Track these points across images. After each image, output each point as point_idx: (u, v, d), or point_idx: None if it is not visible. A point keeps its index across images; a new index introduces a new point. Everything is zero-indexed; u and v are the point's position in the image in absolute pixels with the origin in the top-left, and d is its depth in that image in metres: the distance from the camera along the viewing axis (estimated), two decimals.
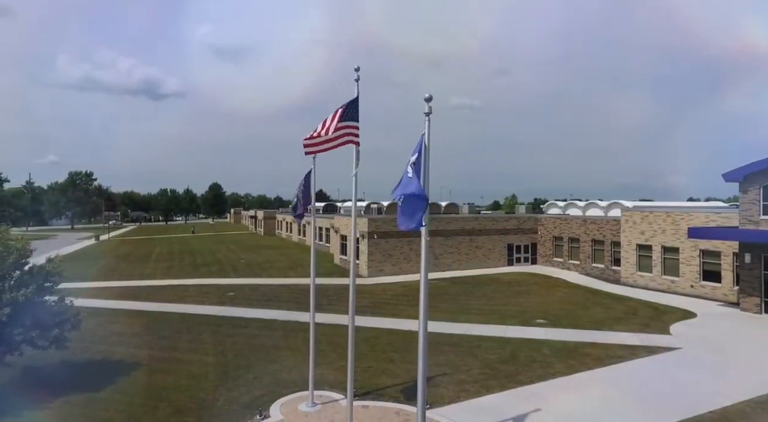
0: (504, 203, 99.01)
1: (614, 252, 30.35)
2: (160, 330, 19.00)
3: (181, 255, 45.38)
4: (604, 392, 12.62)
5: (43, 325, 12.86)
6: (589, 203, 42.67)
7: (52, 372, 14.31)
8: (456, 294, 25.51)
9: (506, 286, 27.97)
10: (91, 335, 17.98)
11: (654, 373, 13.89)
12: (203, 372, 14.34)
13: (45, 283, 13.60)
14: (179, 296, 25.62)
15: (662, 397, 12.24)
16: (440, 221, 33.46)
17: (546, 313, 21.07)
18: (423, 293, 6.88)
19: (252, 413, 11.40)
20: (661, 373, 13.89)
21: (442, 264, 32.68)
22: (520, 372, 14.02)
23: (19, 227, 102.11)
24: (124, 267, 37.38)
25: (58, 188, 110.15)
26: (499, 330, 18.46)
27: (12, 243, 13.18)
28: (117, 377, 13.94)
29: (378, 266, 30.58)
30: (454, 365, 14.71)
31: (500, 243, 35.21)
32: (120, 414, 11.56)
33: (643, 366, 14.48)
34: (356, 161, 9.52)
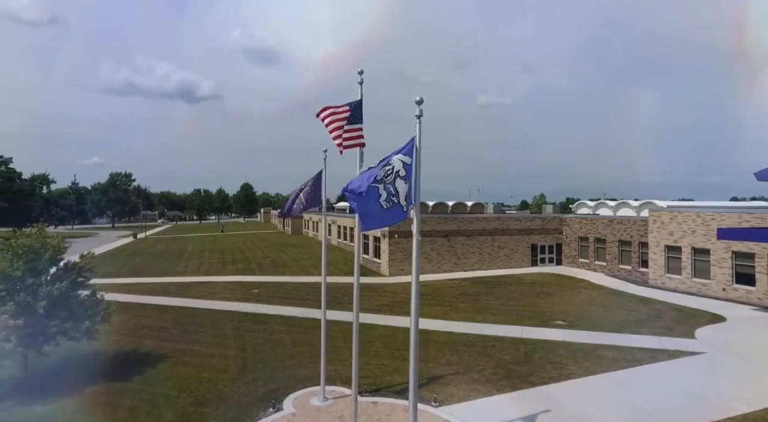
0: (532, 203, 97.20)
1: (642, 254, 29.48)
2: (186, 324, 19.85)
3: (211, 253, 46.90)
4: (617, 395, 12.44)
5: (76, 317, 13.72)
6: (620, 203, 41.52)
7: (85, 362, 15.24)
8: (476, 294, 25.43)
9: (527, 287, 27.64)
10: (122, 328, 19.01)
11: (673, 377, 13.56)
12: (223, 365, 14.95)
13: (78, 278, 14.53)
14: (207, 292, 26.59)
15: (678, 401, 11.97)
16: (462, 221, 33.33)
17: (565, 314, 20.76)
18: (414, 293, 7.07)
19: (266, 406, 11.86)
20: (681, 377, 13.54)
21: (464, 264, 32.58)
22: (533, 373, 13.96)
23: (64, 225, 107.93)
24: (158, 264, 38.98)
25: (99, 188, 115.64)
26: (515, 330, 18.35)
27: (48, 241, 14.12)
28: (144, 368, 14.73)
29: (399, 265, 30.77)
30: (467, 364, 14.78)
31: (524, 243, 34.76)
32: (144, 403, 12.24)
33: (662, 370, 14.14)
34: (360, 162, 9.77)
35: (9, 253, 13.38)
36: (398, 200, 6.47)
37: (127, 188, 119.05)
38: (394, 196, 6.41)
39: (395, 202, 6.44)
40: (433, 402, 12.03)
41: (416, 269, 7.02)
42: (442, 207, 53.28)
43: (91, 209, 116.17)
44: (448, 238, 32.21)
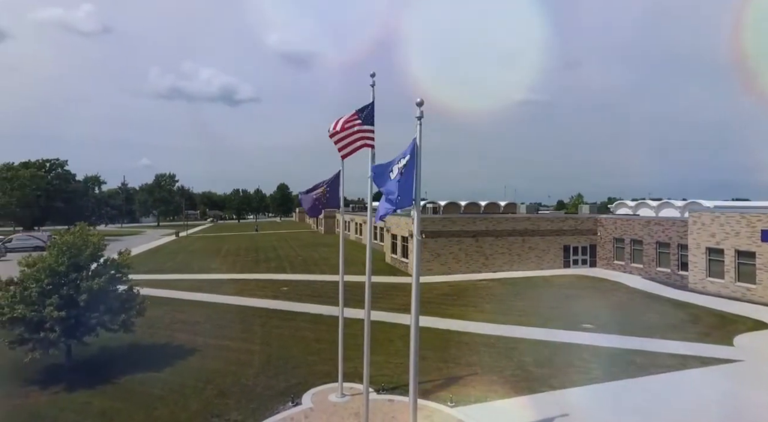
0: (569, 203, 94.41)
1: (681, 256, 28.19)
2: (217, 319, 20.70)
3: (246, 252, 48.43)
4: (640, 401, 12.07)
5: (113, 311, 14.64)
6: (663, 203, 39.84)
7: (123, 352, 16.22)
8: (502, 295, 25.12)
9: (558, 289, 27.03)
10: (158, 322, 20.06)
11: (702, 385, 13.02)
12: (248, 359, 15.54)
13: (116, 274, 15.48)
14: (239, 289, 27.56)
15: (708, 412, 11.49)
16: (491, 221, 32.95)
17: (595, 317, 20.20)
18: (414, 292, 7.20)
19: (285, 400, 12.26)
20: (713, 386, 12.97)
21: (492, 265, 32.20)
22: (554, 376, 13.73)
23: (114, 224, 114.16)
24: (196, 262, 40.64)
25: (146, 189, 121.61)
26: (540, 332, 18.05)
27: (89, 238, 15.13)
28: (175, 360, 15.51)
29: (426, 265, 30.74)
30: (487, 365, 14.71)
31: (555, 244, 33.95)
32: (172, 392, 12.93)
33: (692, 377, 13.58)
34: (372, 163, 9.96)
35: (55, 249, 14.45)
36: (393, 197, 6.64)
37: (171, 189, 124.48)
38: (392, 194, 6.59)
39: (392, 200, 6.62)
40: (449, 402, 12.08)
41: (417, 269, 7.15)
42: (474, 207, 52.75)
43: (139, 208, 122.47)
44: (477, 238, 31.93)
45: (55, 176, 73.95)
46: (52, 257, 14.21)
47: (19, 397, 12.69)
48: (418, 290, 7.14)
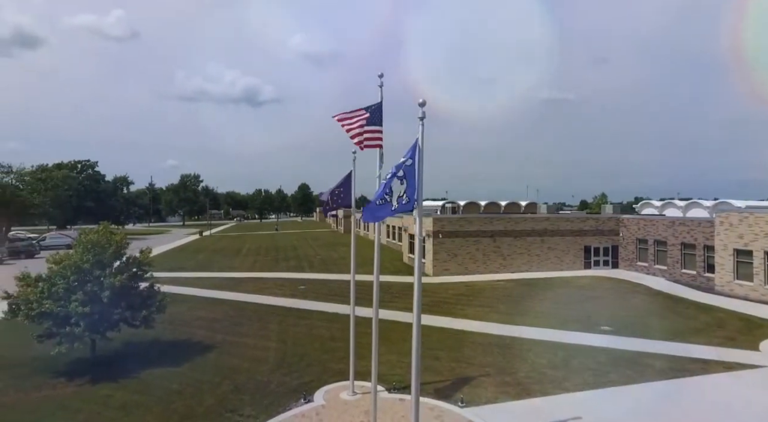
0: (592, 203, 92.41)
1: (707, 258, 27.32)
2: (236, 317, 21.14)
3: (266, 251, 49.20)
4: (656, 406, 11.80)
5: (135, 307, 15.17)
6: (690, 203, 38.71)
7: (145, 348, 16.74)
8: (520, 296, 24.86)
9: (577, 290, 26.57)
10: (179, 318, 20.63)
11: (722, 390, 12.64)
12: (264, 356, 15.84)
13: (138, 271, 16.01)
14: (258, 288, 28.04)
15: (723, 416, 11.16)
16: (509, 221, 32.60)
17: (614, 320, 19.81)
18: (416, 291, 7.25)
19: (298, 396, 12.47)
20: (735, 392, 12.59)
21: (510, 265, 31.85)
22: (568, 379, 13.55)
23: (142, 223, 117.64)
24: (218, 260, 41.54)
25: (172, 189, 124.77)
26: (556, 334, 17.81)
27: (112, 237, 15.68)
28: (194, 356, 15.93)
29: (443, 265, 30.68)
30: (500, 367, 14.62)
31: (576, 245, 33.34)
32: (189, 387, 13.30)
33: (713, 382, 13.20)
34: (380, 162, 10.07)
35: (80, 247, 15.04)
36: (390, 199, 6.69)
37: (196, 189, 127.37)
38: (388, 195, 6.64)
39: (387, 200, 6.67)
40: (460, 403, 12.07)
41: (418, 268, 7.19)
42: (494, 207, 52.30)
43: (165, 208, 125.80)
44: (494, 238, 31.64)
45: (86, 177, 76.77)
46: (78, 254, 14.80)
47: (48, 388, 13.27)
48: (419, 289, 7.18)
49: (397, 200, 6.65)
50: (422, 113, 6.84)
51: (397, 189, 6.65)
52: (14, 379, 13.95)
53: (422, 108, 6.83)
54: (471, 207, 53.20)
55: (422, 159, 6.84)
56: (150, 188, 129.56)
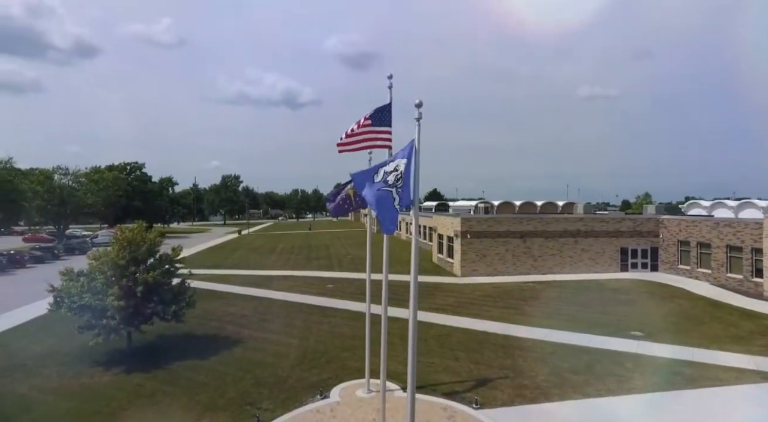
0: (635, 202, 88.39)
1: (755, 261, 25.66)
2: (264, 313, 21.81)
3: (299, 249, 50.28)
4: (679, 415, 11.30)
5: (166, 302, 15.97)
6: (743, 203, 36.42)
7: (177, 341, 17.59)
8: (548, 299, 24.26)
9: (610, 293, 25.64)
10: (211, 314, 21.53)
11: (756, 402, 11.92)
12: (287, 352, 16.29)
13: (170, 268, 16.84)
14: (288, 286, 28.76)
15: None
16: (540, 222, 31.81)
17: (646, 325, 19.02)
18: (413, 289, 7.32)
19: (315, 392, 12.78)
20: (764, 403, 11.84)
21: (542, 267, 31.09)
22: (589, 384, 13.18)
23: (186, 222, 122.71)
24: (253, 258, 42.85)
25: (213, 189, 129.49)
26: (582, 338, 17.30)
27: (146, 235, 16.57)
28: (221, 350, 16.60)
29: (471, 266, 30.34)
30: (520, 369, 14.40)
31: (611, 247, 32.11)
32: (214, 380, 13.89)
33: (746, 393, 12.47)
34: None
35: (117, 245, 15.99)
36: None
37: (236, 189, 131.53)
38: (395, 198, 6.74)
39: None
40: (474, 404, 12.00)
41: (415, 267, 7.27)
42: (530, 207, 51.16)
43: (207, 207, 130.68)
44: (524, 239, 30.98)
45: (134, 178, 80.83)
46: (115, 251, 15.75)
47: (86, 376, 14.22)
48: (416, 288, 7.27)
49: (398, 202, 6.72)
50: (419, 114, 6.91)
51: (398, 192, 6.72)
52: (58, 367, 15.04)
53: (419, 109, 6.89)
54: (505, 207, 52.27)
55: (419, 160, 6.90)
56: (194, 189, 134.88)
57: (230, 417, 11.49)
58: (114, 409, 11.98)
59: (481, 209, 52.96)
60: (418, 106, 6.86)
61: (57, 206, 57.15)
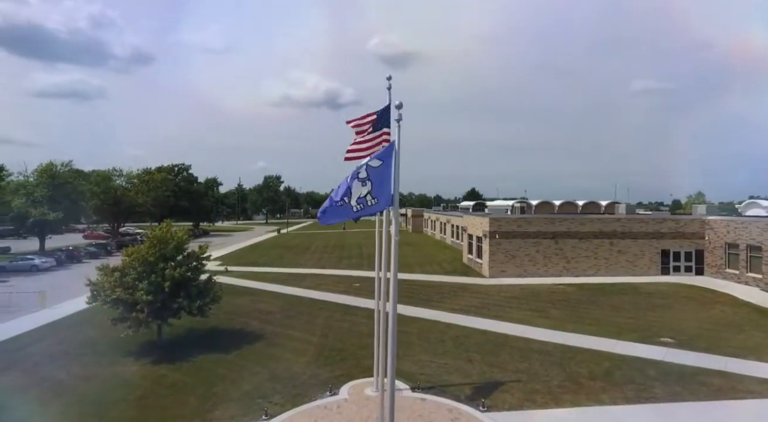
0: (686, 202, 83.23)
1: None
2: (289, 310, 22.42)
3: (332, 248, 51.14)
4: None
5: (191, 297, 16.77)
6: None
7: (204, 335, 18.43)
8: (576, 302, 23.44)
9: (645, 297, 24.41)
10: (239, 310, 22.37)
11: None
12: (305, 348, 16.71)
13: (197, 265, 17.67)
14: (316, 283, 29.37)
15: None
16: (573, 222, 30.69)
17: (679, 331, 18.02)
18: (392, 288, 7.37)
19: (325, 389, 13.05)
20: None
21: (575, 269, 30.01)
22: (605, 391, 12.71)
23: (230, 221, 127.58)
24: (288, 256, 44.01)
25: (256, 189, 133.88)
26: (607, 343, 16.65)
27: (175, 233, 17.46)
28: (243, 344, 17.25)
29: (500, 266, 29.73)
30: (534, 373, 14.07)
31: (651, 249, 30.51)
32: (233, 372, 14.48)
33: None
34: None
35: (148, 242, 16.97)
36: (348, 200, 6.81)
37: (277, 189, 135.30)
38: (346, 196, 6.77)
39: (346, 202, 6.79)
40: (481, 407, 11.88)
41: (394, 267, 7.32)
42: (570, 207, 49.43)
43: (250, 207, 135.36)
44: (556, 240, 30.02)
45: (182, 179, 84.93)
46: (145, 248, 16.72)
47: (118, 365, 15.22)
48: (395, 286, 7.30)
49: (357, 201, 6.77)
50: (398, 115, 6.96)
51: (357, 191, 6.77)
52: (95, 356, 16.17)
53: (399, 110, 6.94)
54: (544, 207, 50.78)
55: (399, 160, 6.95)
56: (238, 189, 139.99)
57: (241, 409, 11.96)
58: (137, 397, 12.77)
59: (518, 209, 51.72)
60: (398, 107, 6.91)
61: (111, 206, 61.01)
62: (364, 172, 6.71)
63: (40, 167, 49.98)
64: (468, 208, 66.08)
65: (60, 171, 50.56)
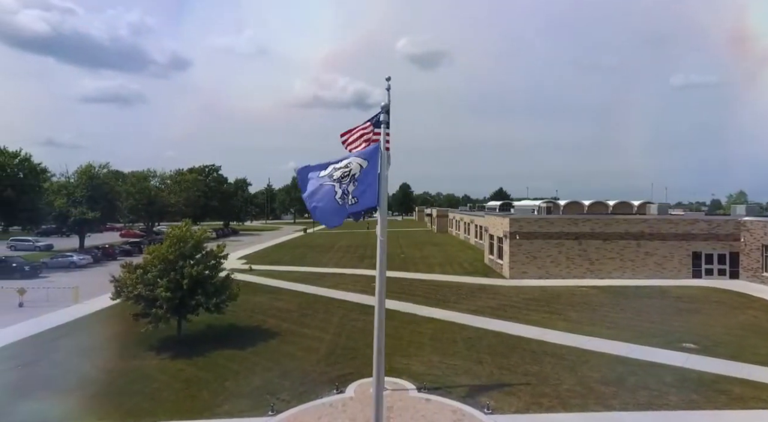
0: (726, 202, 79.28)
1: None
2: (306, 309, 22.78)
3: (355, 248, 51.44)
4: None
5: (208, 295, 17.30)
6: None
7: (222, 331, 18.98)
8: (598, 305, 22.80)
9: (672, 301, 23.49)
10: (258, 307, 22.90)
11: None
12: (317, 347, 16.96)
13: (215, 263, 18.20)
14: (335, 283, 29.69)
15: None
16: (597, 223, 29.80)
17: (704, 337, 17.29)
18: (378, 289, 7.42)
19: (332, 387, 13.24)
20: None
21: (599, 271, 29.16)
22: (616, 397, 12.36)
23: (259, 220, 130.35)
24: (311, 256, 44.62)
25: (285, 189, 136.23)
26: (623, 348, 16.16)
27: (193, 232, 18.05)
28: (258, 341, 17.67)
29: (521, 268, 29.22)
30: (544, 377, 13.83)
31: (681, 251, 29.28)
32: (245, 369, 14.87)
33: None
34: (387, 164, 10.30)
35: (168, 241, 17.62)
36: (347, 201, 6.89)
37: None
38: (346, 195, 6.85)
39: (345, 201, 6.87)
40: (486, 409, 11.78)
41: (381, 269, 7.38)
42: (600, 207, 48.03)
43: (279, 207, 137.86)
44: (580, 241, 29.25)
45: (212, 179, 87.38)
46: (165, 247, 17.36)
47: (139, 359, 15.88)
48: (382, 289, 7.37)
49: (341, 199, 6.85)
50: (386, 117, 7.02)
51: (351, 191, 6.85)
52: (120, 349, 16.93)
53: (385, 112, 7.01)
54: (572, 207, 49.51)
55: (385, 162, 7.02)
56: (267, 189, 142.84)
57: (249, 404, 12.29)
58: (153, 390, 13.30)
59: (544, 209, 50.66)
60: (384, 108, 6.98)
61: (146, 205, 63.47)
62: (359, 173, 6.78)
63: (80, 169, 52.55)
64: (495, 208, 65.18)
65: (98, 172, 52.98)
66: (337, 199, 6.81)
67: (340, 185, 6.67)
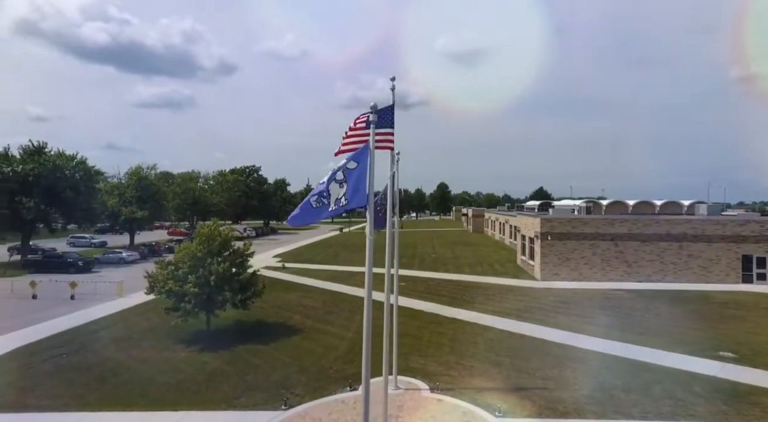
0: None
1: None
2: (331, 306, 23.16)
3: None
4: None
5: (234, 291, 17.97)
6: None
7: (249, 327, 19.63)
8: (632, 309, 21.79)
9: (715, 307, 22.09)
10: (286, 304, 23.50)
11: None
12: (337, 344, 17.23)
13: (241, 261, 18.87)
14: (363, 282, 29.90)
15: None
16: (635, 223, 28.44)
17: (744, 346, 16.19)
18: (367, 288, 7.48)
19: (346, 384, 13.43)
20: None
21: (637, 274, 27.82)
22: (637, 405, 11.83)
23: None
24: (342, 255, 45.23)
25: None
26: (654, 354, 15.40)
27: (221, 231, 18.78)
28: (281, 337, 18.16)
29: (553, 269, 28.36)
30: (564, 381, 13.43)
31: (729, 254, 27.46)
32: (266, 363, 15.33)
33: None
34: (391, 164, 10.33)
35: (197, 239, 18.43)
36: (328, 202, 6.95)
37: None
38: (325, 198, 6.91)
39: (325, 203, 6.94)
40: (497, 412, 11.60)
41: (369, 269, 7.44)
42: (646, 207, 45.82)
43: None
44: (616, 242, 28.03)
45: (252, 180, 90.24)
46: (195, 245, 18.18)
47: (169, 351, 16.71)
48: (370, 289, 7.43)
49: (335, 202, 6.92)
50: (374, 117, 7.08)
51: (335, 192, 6.94)
52: (153, 341, 17.87)
53: (372, 112, 7.07)
54: (615, 207, 47.48)
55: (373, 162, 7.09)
56: (307, 189, 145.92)
57: (264, 398, 12.67)
58: (178, 381, 13.97)
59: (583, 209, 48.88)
60: (373, 108, 7.04)
61: (191, 205, 66.47)
62: (341, 175, 6.88)
63: (130, 170, 55.78)
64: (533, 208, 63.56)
65: (146, 174, 56.01)
66: (311, 201, 6.89)
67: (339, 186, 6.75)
